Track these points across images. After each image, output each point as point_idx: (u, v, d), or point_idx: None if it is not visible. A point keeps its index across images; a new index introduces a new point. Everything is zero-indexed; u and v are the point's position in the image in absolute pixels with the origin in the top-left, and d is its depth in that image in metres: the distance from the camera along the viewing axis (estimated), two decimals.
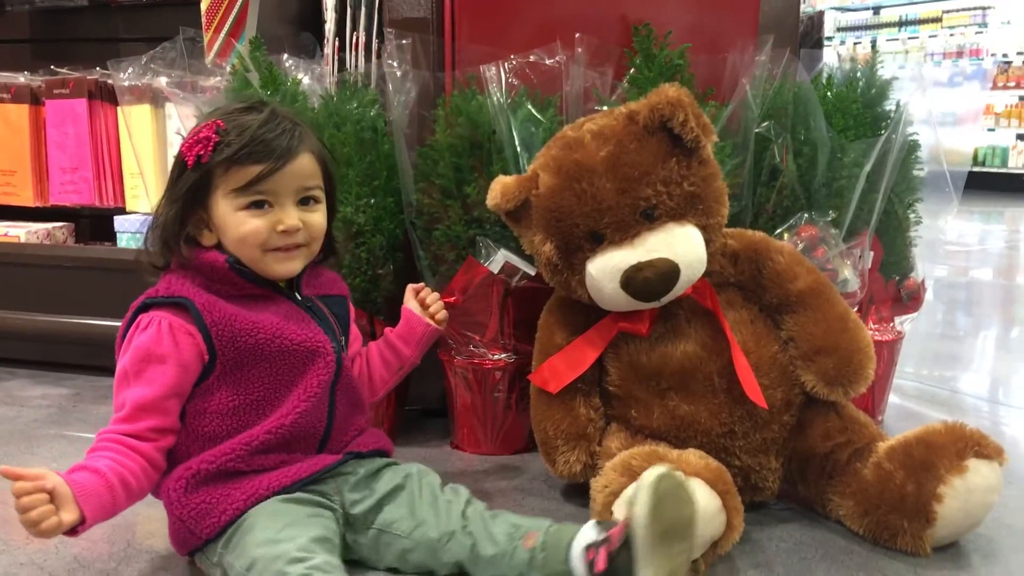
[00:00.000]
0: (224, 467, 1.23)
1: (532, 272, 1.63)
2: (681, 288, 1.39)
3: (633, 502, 1.12)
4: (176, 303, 1.24)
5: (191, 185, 1.24)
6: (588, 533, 1.19)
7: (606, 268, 1.38)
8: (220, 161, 1.23)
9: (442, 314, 1.53)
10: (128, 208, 2.46)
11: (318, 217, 1.32)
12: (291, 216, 1.27)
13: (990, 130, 9.37)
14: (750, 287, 1.50)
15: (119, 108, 2.29)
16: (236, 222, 1.26)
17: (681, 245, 1.37)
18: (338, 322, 1.39)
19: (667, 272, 1.35)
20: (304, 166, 1.29)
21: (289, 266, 1.30)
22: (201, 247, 1.28)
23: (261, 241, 1.27)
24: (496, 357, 1.75)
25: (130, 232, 2.39)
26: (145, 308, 1.27)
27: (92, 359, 2.38)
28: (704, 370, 1.42)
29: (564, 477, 1.53)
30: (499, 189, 1.45)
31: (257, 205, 1.26)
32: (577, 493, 1.54)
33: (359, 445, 1.36)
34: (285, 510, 1.21)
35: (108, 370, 2.33)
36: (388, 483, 1.32)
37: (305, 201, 1.30)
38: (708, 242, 1.41)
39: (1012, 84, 9.32)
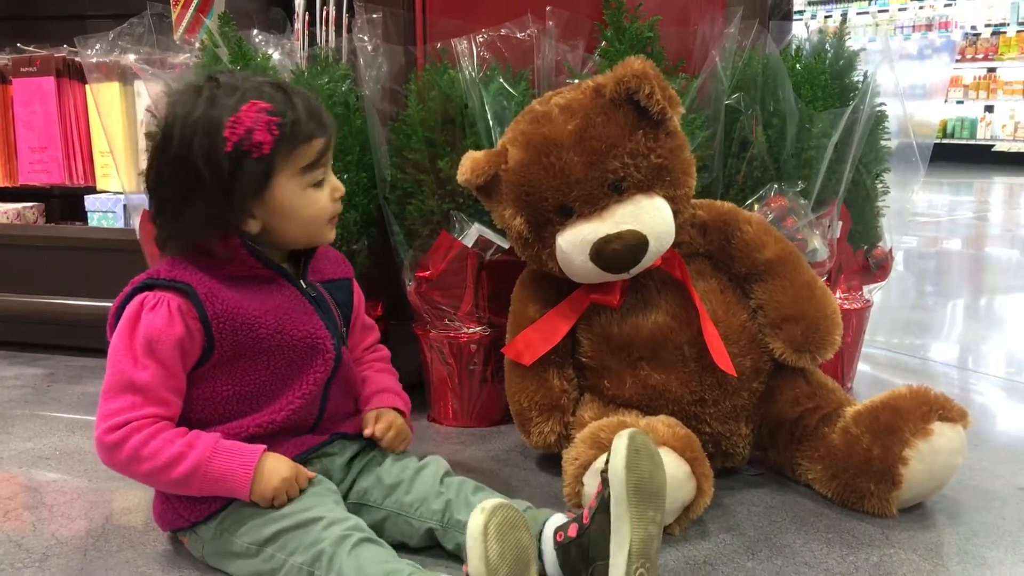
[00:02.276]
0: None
1: (506, 246, 1.64)
2: (650, 259, 1.40)
3: (610, 456, 1.13)
4: (179, 288, 1.19)
5: (257, 176, 1.17)
6: (559, 518, 1.20)
7: (576, 241, 1.39)
8: (284, 145, 1.17)
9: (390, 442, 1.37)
10: (98, 187, 2.44)
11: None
12: (338, 182, 1.28)
13: (959, 102, 9.47)
14: (719, 257, 1.52)
15: (87, 86, 2.27)
16: (307, 201, 1.23)
17: (649, 217, 1.38)
18: (340, 310, 1.36)
19: (636, 243, 1.37)
20: None
21: (332, 233, 1.30)
22: None
23: (328, 214, 1.26)
24: (471, 330, 1.76)
25: (101, 211, 2.38)
26: (148, 287, 1.21)
27: (66, 339, 2.38)
28: (674, 340, 1.44)
29: (539, 448, 1.55)
30: (469, 164, 1.45)
31: (319, 180, 1.24)
32: (552, 463, 1.56)
33: (347, 427, 1.35)
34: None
35: (82, 350, 2.35)
36: (363, 460, 1.34)
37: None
38: (676, 213, 1.42)
39: (980, 56, 9.41)
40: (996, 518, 1.41)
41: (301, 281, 1.30)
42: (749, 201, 1.71)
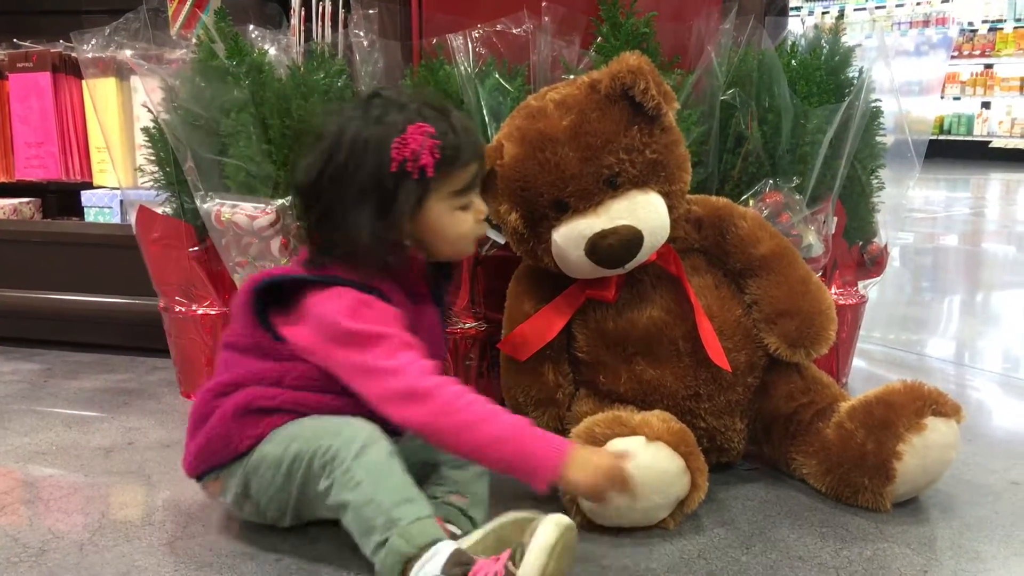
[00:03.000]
0: (287, 406, 1.24)
1: (502, 241, 1.64)
2: (645, 254, 1.41)
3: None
4: (375, 292, 1.24)
5: (416, 196, 1.22)
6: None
7: (571, 236, 1.39)
8: (445, 168, 1.22)
9: None
10: (95, 183, 2.44)
11: None
12: (482, 203, 1.31)
13: (956, 98, 9.48)
14: (714, 252, 1.52)
15: (84, 81, 2.27)
16: (456, 222, 1.27)
17: (644, 212, 1.38)
18: (445, 341, 1.42)
19: (631, 239, 1.37)
20: None
21: (473, 248, 1.36)
22: None
23: (474, 235, 1.31)
24: (467, 325, 1.76)
25: (97, 207, 2.38)
26: (344, 284, 1.23)
27: (62, 334, 2.38)
28: (669, 335, 1.45)
29: None
30: None
31: (468, 203, 1.28)
32: None
33: None
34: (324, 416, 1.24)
35: (79, 345, 2.35)
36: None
37: None
38: (671, 208, 1.43)
39: (977, 52, 9.41)
40: (990, 512, 1.41)
41: (440, 304, 1.37)
42: (744, 197, 1.71)
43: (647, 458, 1.28)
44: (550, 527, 1.08)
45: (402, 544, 1.09)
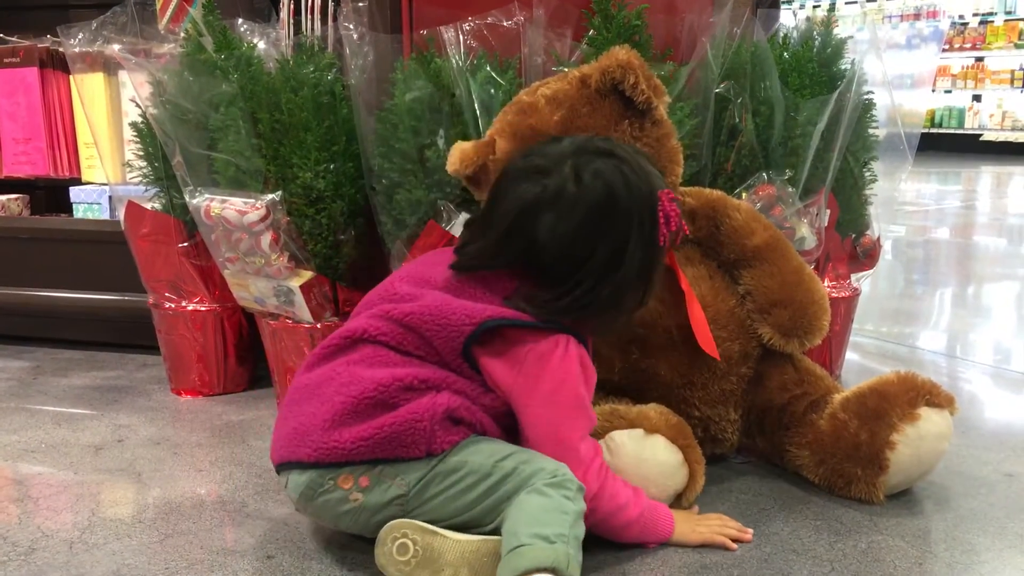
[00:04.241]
0: (480, 425, 1.24)
1: None
2: None
3: None
4: (585, 344, 1.26)
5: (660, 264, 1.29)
6: None
7: None
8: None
9: None
10: (84, 179, 2.42)
11: None
12: None
13: (947, 91, 9.50)
14: (708, 243, 1.52)
15: (71, 77, 2.25)
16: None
17: None
18: None
19: None
20: None
21: None
22: None
23: None
24: None
25: (86, 203, 2.36)
26: (566, 331, 1.24)
27: (51, 331, 2.37)
28: (663, 324, 1.44)
29: None
30: (458, 155, 1.44)
31: None
32: None
33: None
34: None
35: (67, 342, 2.34)
36: None
37: None
38: None
39: (968, 45, 9.43)
40: (983, 504, 1.41)
41: None
42: (738, 190, 1.70)
43: (645, 450, 1.28)
44: None
45: (564, 561, 1.08)
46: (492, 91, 1.65)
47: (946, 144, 9.07)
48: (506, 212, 1.25)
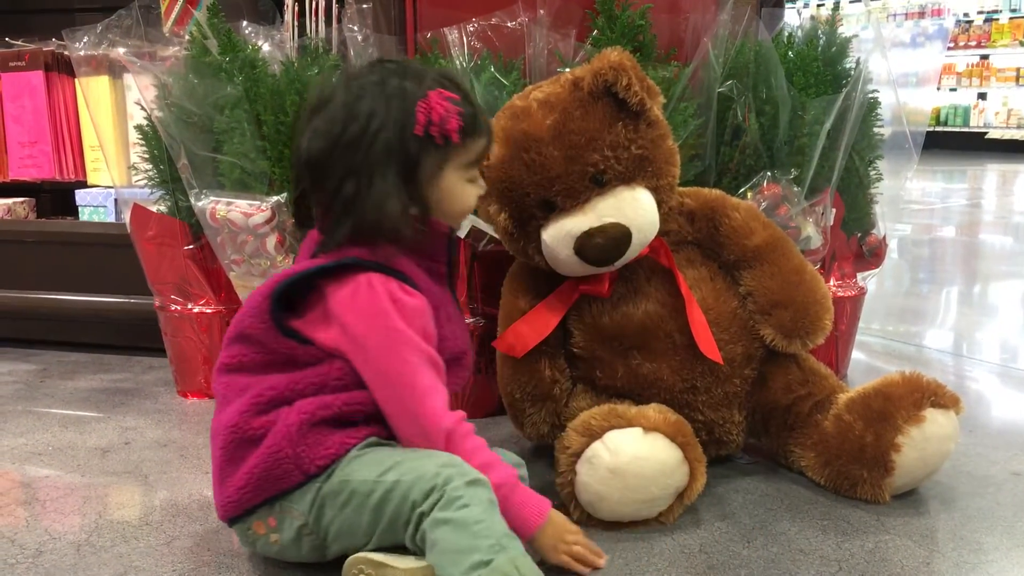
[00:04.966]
0: (354, 412, 1.18)
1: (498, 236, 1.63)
2: (634, 251, 1.40)
3: None
4: (396, 275, 1.18)
5: (437, 162, 1.18)
6: None
7: (559, 235, 1.38)
8: (464, 137, 1.19)
9: None
10: (89, 182, 2.43)
11: None
12: (483, 181, 1.28)
13: (952, 90, 9.47)
14: (708, 244, 1.51)
15: (77, 80, 2.26)
16: (465, 194, 1.24)
17: (632, 209, 1.37)
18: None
19: (619, 237, 1.36)
20: None
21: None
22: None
23: (471, 210, 1.28)
24: (465, 321, 1.75)
25: (92, 206, 2.37)
26: (366, 268, 1.17)
27: (58, 334, 2.37)
28: (665, 328, 1.44)
29: (532, 439, 1.55)
30: None
31: (475, 177, 1.26)
32: (546, 454, 1.56)
33: None
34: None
35: (74, 345, 2.34)
36: None
37: None
38: (660, 203, 1.42)
39: (973, 43, 9.41)
40: (991, 503, 1.41)
41: (454, 291, 1.32)
42: (742, 189, 1.70)
43: (644, 449, 1.27)
44: None
45: (511, 570, 1.04)
46: (496, 92, 1.65)
47: (951, 142, 9.05)
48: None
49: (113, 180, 2.19)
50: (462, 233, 1.69)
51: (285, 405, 1.17)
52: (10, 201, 2.49)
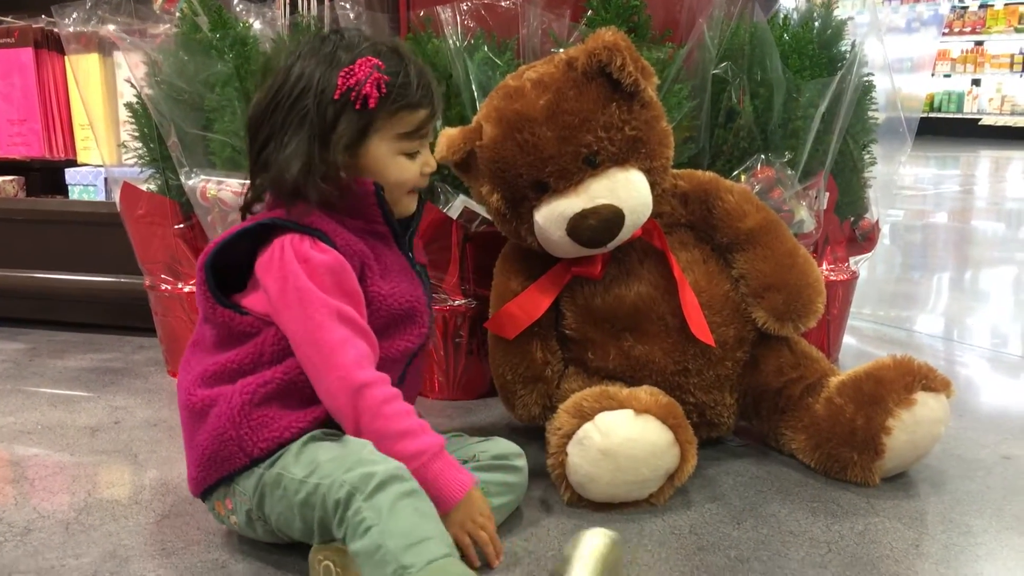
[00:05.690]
0: (293, 383, 1.16)
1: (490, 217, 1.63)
2: (627, 233, 1.39)
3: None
4: (312, 233, 1.18)
5: (356, 128, 1.18)
6: None
7: (552, 216, 1.38)
8: (390, 106, 1.19)
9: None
10: (79, 160, 2.41)
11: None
12: (432, 158, 1.28)
13: (946, 76, 9.47)
14: (701, 227, 1.51)
15: (67, 58, 2.24)
16: (398, 167, 1.23)
17: (624, 190, 1.37)
18: (427, 292, 1.34)
19: (611, 218, 1.35)
20: None
21: (412, 204, 1.30)
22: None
23: (412, 184, 1.26)
24: (457, 303, 1.75)
25: (81, 184, 2.35)
26: (286, 229, 1.18)
27: (47, 313, 2.36)
28: (657, 310, 1.44)
29: (524, 420, 1.54)
30: (445, 142, 1.43)
31: (415, 151, 1.24)
32: (537, 435, 1.55)
33: None
34: (348, 439, 1.14)
35: (63, 324, 2.33)
36: None
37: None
38: (654, 184, 1.41)
39: (968, 29, 9.40)
40: (980, 487, 1.41)
41: (409, 252, 1.31)
42: (736, 172, 1.70)
43: (635, 431, 1.27)
44: (599, 537, 1.05)
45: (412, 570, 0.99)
46: (490, 72, 1.64)
47: (945, 128, 9.05)
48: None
49: (103, 158, 2.18)
50: (453, 213, 1.68)
51: (227, 383, 1.17)
52: None
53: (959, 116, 9.41)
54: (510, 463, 1.29)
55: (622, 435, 1.27)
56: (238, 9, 1.83)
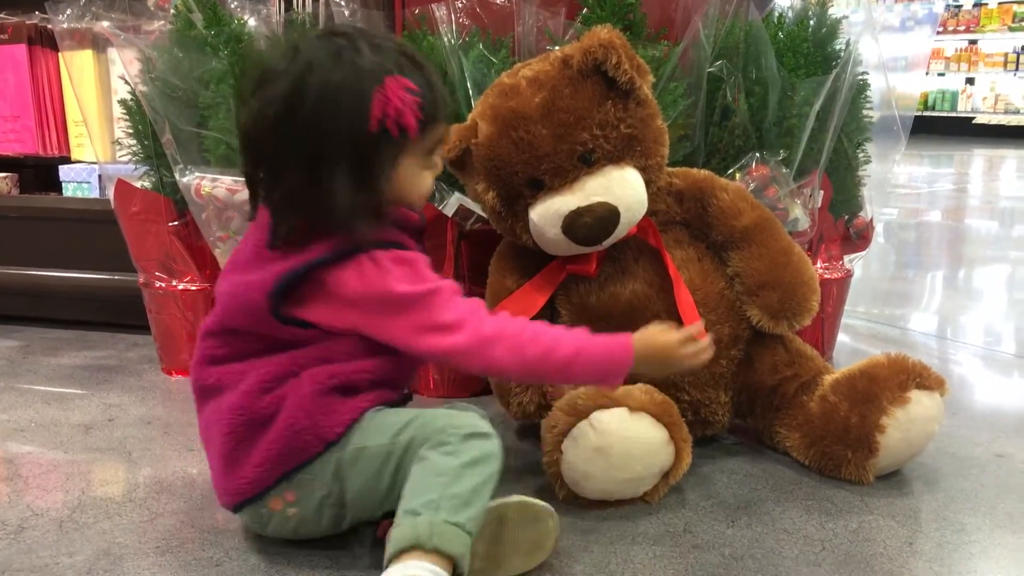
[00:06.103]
0: (353, 379, 1.16)
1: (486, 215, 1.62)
2: (622, 231, 1.39)
3: None
4: (393, 246, 1.15)
5: (393, 156, 1.11)
6: None
7: (547, 214, 1.37)
8: (422, 128, 1.10)
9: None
10: (73, 157, 2.41)
11: None
12: (439, 160, 1.22)
13: (940, 74, 9.48)
14: (696, 225, 1.51)
15: (60, 54, 2.23)
16: (420, 182, 1.18)
17: (620, 188, 1.37)
18: None
19: (607, 216, 1.36)
20: None
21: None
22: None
23: (430, 193, 1.23)
24: None
25: (75, 181, 2.34)
26: (365, 249, 1.12)
27: (41, 311, 2.35)
28: (652, 308, 1.44)
29: (519, 418, 1.54)
30: None
31: (433, 163, 1.19)
32: (532, 433, 1.56)
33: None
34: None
35: (57, 321, 2.32)
36: None
37: None
38: (649, 182, 1.41)
39: (962, 28, 9.42)
40: (974, 485, 1.42)
41: None
42: (731, 170, 1.70)
43: (630, 428, 1.27)
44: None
45: (425, 533, 1.02)
46: (485, 70, 1.64)
47: (939, 127, 9.07)
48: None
49: (97, 155, 2.17)
50: (449, 211, 1.68)
51: (292, 378, 1.15)
52: None
53: (953, 115, 9.43)
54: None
55: (617, 433, 1.27)
56: (233, 6, 1.82)
